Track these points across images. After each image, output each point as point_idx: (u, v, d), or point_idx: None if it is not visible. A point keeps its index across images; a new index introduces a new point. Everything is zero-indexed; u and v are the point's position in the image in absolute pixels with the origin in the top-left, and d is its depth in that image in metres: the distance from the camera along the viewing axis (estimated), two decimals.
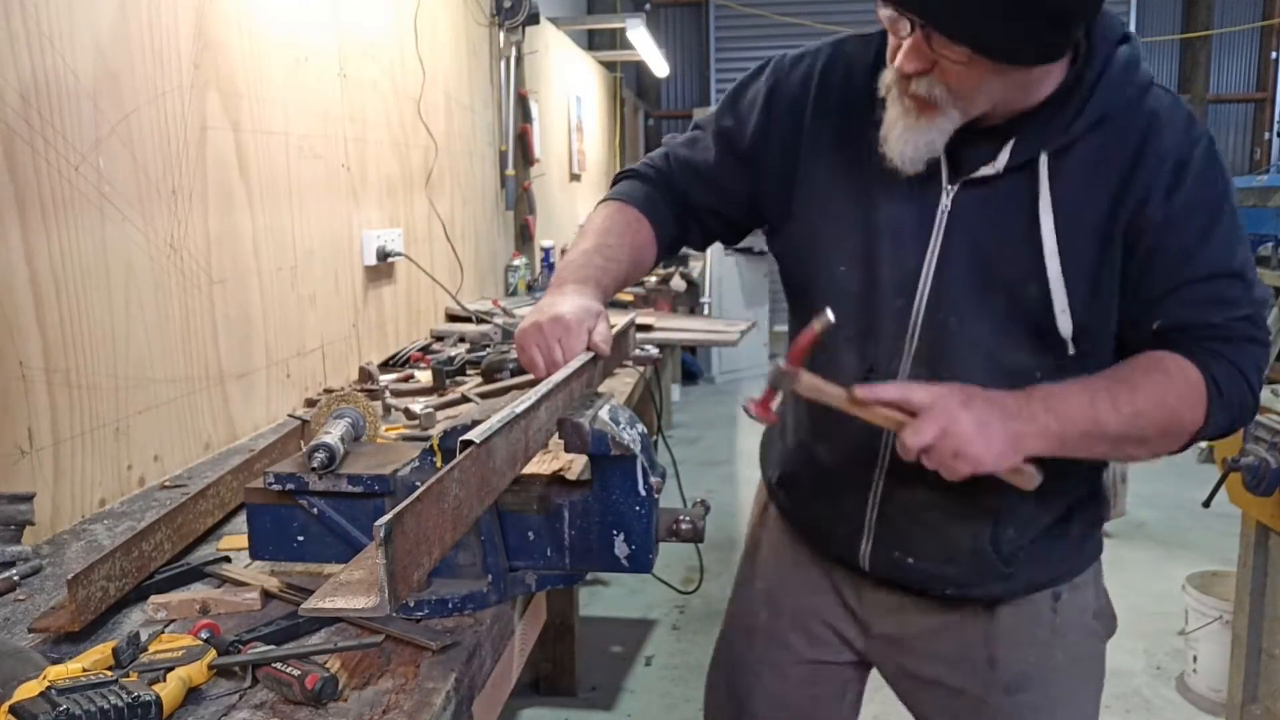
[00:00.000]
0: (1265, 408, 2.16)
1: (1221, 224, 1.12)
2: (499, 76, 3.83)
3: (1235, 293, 1.13)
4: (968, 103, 1.08)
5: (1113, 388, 1.09)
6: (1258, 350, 1.14)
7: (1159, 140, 1.11)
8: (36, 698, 0.84)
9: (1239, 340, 1.13)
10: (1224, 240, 1.12)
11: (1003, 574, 1.26)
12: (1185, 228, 1.11)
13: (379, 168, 2.61)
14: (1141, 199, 1.11)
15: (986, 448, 1.04)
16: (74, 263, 1.42)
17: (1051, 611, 1.31)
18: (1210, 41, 10.05)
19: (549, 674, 3.01)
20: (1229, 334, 1.12)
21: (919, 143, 1.11)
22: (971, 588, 1.28)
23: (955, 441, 1.03)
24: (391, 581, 0.73)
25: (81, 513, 1.44)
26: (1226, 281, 1.13)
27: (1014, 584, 1.28)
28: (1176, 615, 3.22)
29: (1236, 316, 1.13)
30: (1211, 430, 1.14)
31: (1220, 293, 1.12)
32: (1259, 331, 1.14)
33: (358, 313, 2.48)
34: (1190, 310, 1.12)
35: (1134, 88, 1.13)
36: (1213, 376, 1.11)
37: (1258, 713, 2.32)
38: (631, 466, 1.10)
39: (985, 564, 1.26)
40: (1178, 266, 1.12)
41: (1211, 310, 1.12)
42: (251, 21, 1.92)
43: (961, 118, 1.10)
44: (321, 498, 1.15)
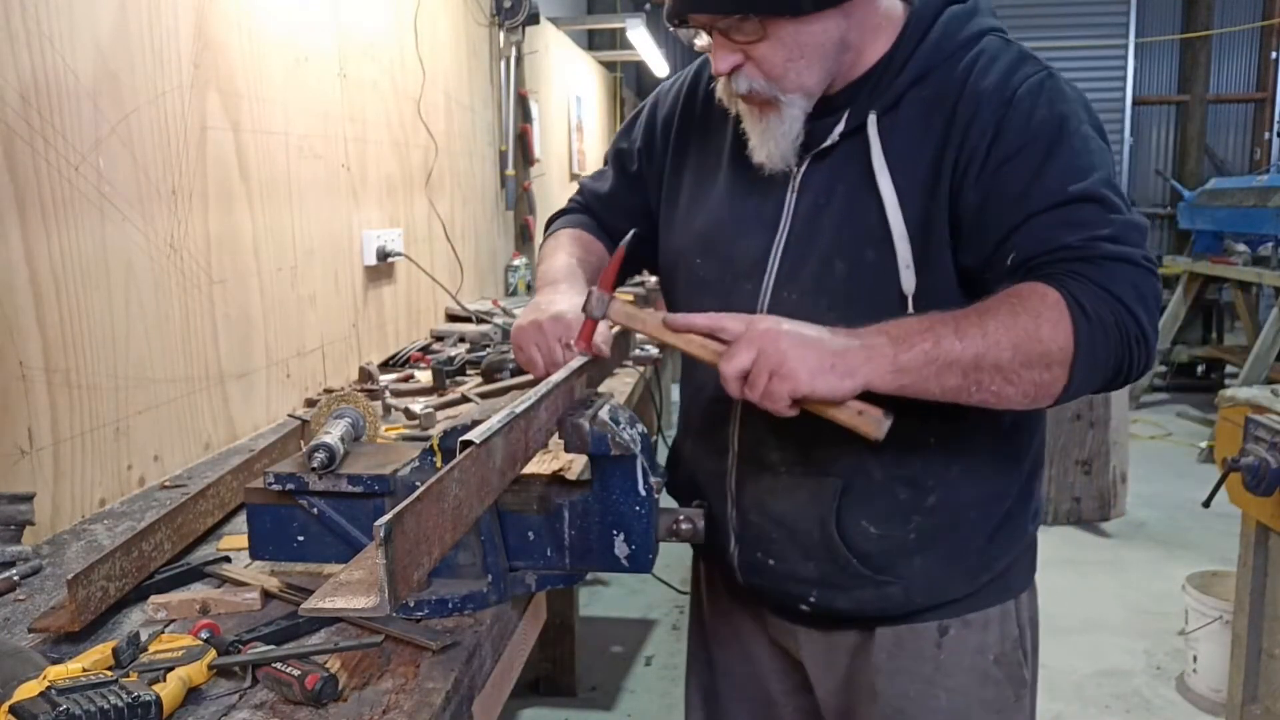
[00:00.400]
0: (1265, 408, 2.16)
1: (1061, 153, 1.05)
2: (499, 76, 3.83)
3: (1089, 215, 1.03)
4: (794, 83, 1.09)
5: (958, 316, 1.00)
6: (1129, 269, 1.01)
7: (979, 83, 1.08)
8: (36, 698, 0.84)
9: (1100, 260, 1.01)
10: (1066, 168, 1.04)
11: (866, 577, 1.16)
12: (1019, 164, 1.05)
13: (379, 168, 2.61)
14: (960, 142, 1.07)
15: (803, 362, 0.96)
16: (74, 263, 1.42)
17: (935, 647, 1.20)
18: (1210, 41, 10.05)
19: (549, 674, 3.01)
20: (1086, 254, 1.01)
21: (776, 138, 1.12)
22: (836, 594, 1.18)
23: (772, 360, 0.97)
24: (391, 581, 0.73)
25: (81, 513, 1.44)
26: (1076, 206, 1.03)
27: (889, 599, 1.17)
28: (1176, 615, 3.22)
29: (1095, 236, 1.02)
30: (1090, 358, 1.00)
31: (1069, 217, 1.03)
32: (1129, 250, 1.02)
33: (358, 313, 2.48)
34: (1039, 238, 1.03)
35: (963, 37, 1.12)
36: (1072, 295, 0.99)
37: (1258, 713, 2.32)
38: (631, 466, 1.10)
39: (840, 559, 1.16)
40: (1018, 203, 1.04)
41: (1063, 233, 1.02)
42: (251, 21, 1.92)
43: (804, 100, 1.11)
44: (321, 498, 1.15)
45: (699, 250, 1.26)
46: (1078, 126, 1.07)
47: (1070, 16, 9.74)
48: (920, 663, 1.20)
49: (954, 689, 1.21)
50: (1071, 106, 1.08)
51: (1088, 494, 4.35)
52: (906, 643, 1.20)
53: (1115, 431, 4.33)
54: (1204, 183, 7.27)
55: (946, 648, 1.20)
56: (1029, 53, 1.12)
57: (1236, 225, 6.06)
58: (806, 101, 1.11)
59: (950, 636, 1.20)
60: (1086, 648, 3.24)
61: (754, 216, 1.20)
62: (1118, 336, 0.99)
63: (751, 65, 1.09)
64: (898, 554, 1.16)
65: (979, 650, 1.21)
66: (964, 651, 1.21)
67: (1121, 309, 1.00)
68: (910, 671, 1.21)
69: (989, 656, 1.22)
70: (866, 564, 1.16)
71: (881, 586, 1.17)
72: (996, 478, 1.19)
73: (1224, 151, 10.49)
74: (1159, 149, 10.59)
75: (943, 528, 1.16)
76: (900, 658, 1.21)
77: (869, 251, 1.11)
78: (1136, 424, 5.85)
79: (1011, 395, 1.00)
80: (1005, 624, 1.23)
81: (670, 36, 7.34)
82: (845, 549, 1.16)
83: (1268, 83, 10.23)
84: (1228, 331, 7.41)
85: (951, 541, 1.17)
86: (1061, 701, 2.94)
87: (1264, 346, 5.31)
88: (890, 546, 1.16)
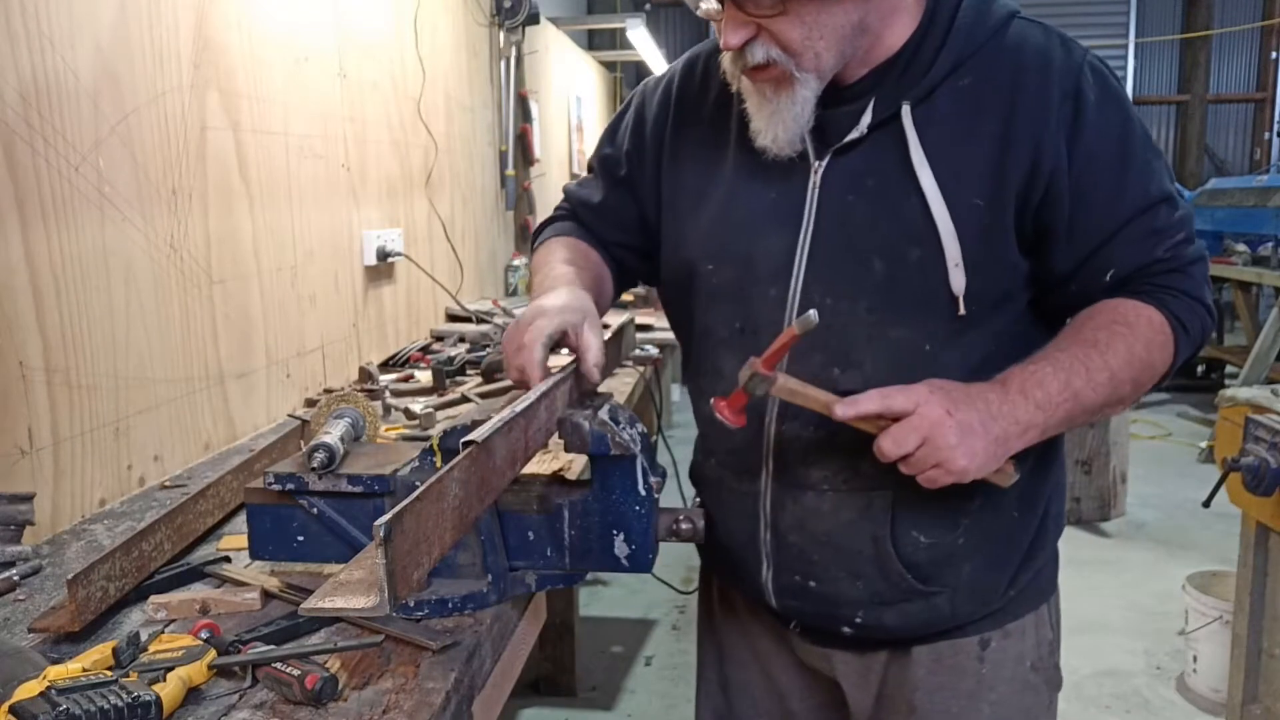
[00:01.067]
0: (1265, 408, 2.16)
1: (1134, 148, 1.07)
2: (499, 76, 3.83)
3: (1170, 218, 1.08)
4: (810, 58, 1.02)
5: (1084, 356, 1.03)
6: (1201, 266, 1.11)
7: (1041, 76, 1.05)
8: (36, 698, 0.84)
9: (1185, 266, 1.09)
10: (1142, 165, 1.07)
11: (917, 590, 1.13)
12: (1102, 166, 1.06)
13: (379, 168, 2.61)
14: (1036, 142, 1.04)
15: (970, 459, 0.97)
16: (74, 263, 1.42)
17: (977, 661, 1.18)
18: (1210, 41, 10.05)
19: (549, 674, 3.01)
20: (1175, 264, 1.08)
21: (786, 119, 1.06)
22: (883, 611, 1.14)
23: (938, 453, 0.96)
24: (391, 581, 0.73)
25: (81, 513, 1.44)
26: (1156, 211, 1.07)
27: (935, 610, 1.14)
28: (1176, 615, 3.22)
29: (1176, 242, 1.08)
30: (1179, 363, 1.11)
31: (1156, 224, 1.07)
32: (1196, 245, 1.11)
33: (358, 313, 2.48)
34: (1137, 251, 1.07)
35: (991, 21, 1.08)
36: (1175, 315, 1.07)
37: (1258, 713, 2.32)
38: (631, 466, 1.10)
39: (893, 575, 1.12)
40: (1110, 209, 1.06)
41: (1155, 245, 1.07)
42: (251, 21, 1.92)
43: (817, 79, 1.05)
44: (321, 498, 1.15)
45: (711, 256, 1.18)
46: (1132, 111, 1.09)
47: (1070, 16, 9.74)
48: (962, 678, 1.18)
49: (997, 701, 1.19)
50: (1120, 91, 1.09)
51: (1088, 494, 4.35)
52: (946, 658, 1.18)
53: (1115, 431, 4.32)
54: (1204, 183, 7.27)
55: (989, 660, 1.18)
56: (1060, 32, 1.11)
57: (1236, 225, 6.06)
58: (819, 84, 1.05)
59: (992, 649, 1.19)
60: (1086, 648, 3.24)
61: (770, 215, 1.13)
62: (1199, 337, 1.10)
63: (766, 37, 1.02)
64: (946, 563, 1.13)
65: (1019, 659, 1.20)
66: (1005, 662, 1.19)
67: (1204, 311, 1.09)
68: (952, 688, 1.18)
69: (1027, 664, 1.21)
70: (917, 576, 1.12)
71: (929, 598, 1.13)
72: (1036, 474, 1.16)
73: (1224, 151, 10.49)
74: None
75: (989, 530, 1.14)
76: (940, 673, 1.18)
77: (913, 250, 1.05)
78: (1136, 424, 5.84)
79: (1113, 414, 1.16)
80: (1040, 629, 1.22)
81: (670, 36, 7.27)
82: (899, 563, 1.12)
83: (1268, 83, 10.24)
84: (1228, 331, 7.41)
85: (998, 544, 1.15)
86: (1062, 701, 2.91)
87: (1264, 346, 5.30)
88: (939, 555, 1.13)
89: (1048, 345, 1.06)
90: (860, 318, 1.07)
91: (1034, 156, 1.03)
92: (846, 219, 1.08)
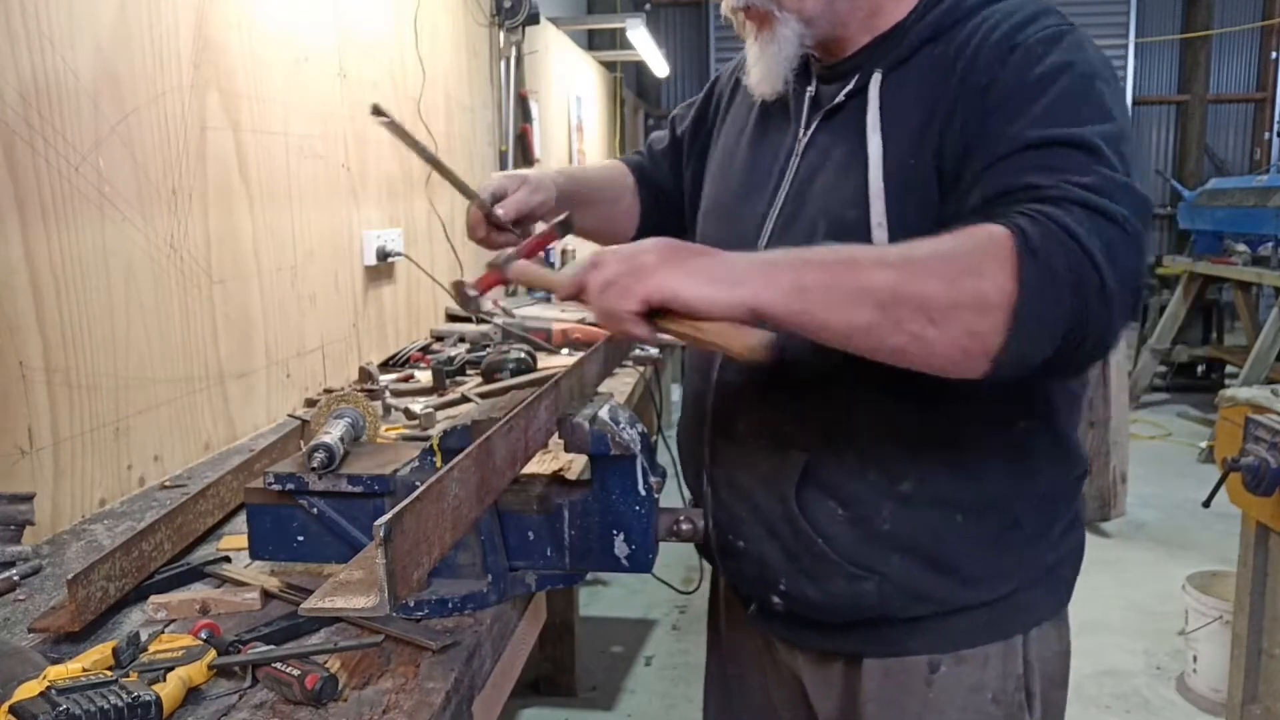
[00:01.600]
0: (1265, 408, 2.16)
1: (1057, 94, 0.92)
2: (499, 76, 3.83)
3: (1075, 161, 0.88)
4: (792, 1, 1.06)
5: (890, 246, 0.92)
6: (1103, 223, 0.83)
7: (989, 34, 0.99)
8: (36, 698, 0.84)
9: (1069, 204, 0.84)
10: (1058, 110, 0.91)
11: (835, 564, 1.07)
12: (1009, 108, 0.93)
13: (379, 168, 2.61)
14: (957, 94, 0.98)
15: (672, 264, 0.86)
16: (74, 263, 1.42)
17: (924, 684, 1.10)
18: (1210, 41, 10.06)
19: (549, 674, 3.01)
20: (1054, 195, 0.85)
21: (768, 59, 1.10)
22: (806, 583, 1.09)
23: (638, 262, 0.87)
24: (391, 581, 0.73)
25: (81, 513, 1.44)
26: (1060, 150, 0.89)
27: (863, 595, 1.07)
28: (1176, 615, 3.22)
29: (1072, 181, 0.86)
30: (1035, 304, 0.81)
31: (1048, 160, 0.89)
32: (1110, 205, 0.84)
33: (358, 313, 2.48)
34: (1009, 176, 0.90)
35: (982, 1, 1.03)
36: (1023, 232, 0.83)
37: (1258, 713, 2.32)
38: (631, 466, 1.10)
39: (804, 539, 1.07)
40: (997, 141, 0.92)
41: (1035, 174, 0.88)
42: (251, 21, 1.92)
43: (799, 23, 1.07)
44: (321, 498, 1.15)
45: (712, 216, 1.27)
46: (1089, 77, 0.94)
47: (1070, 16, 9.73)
48: (908, 697, 1.12)
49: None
50: (1089, 59, 0.96)
51: (1088, 494, 4.35)
52: (895, 674, 1.12)
53: (1115, 431, 4.32)
54: (1204, 183, 7.27)
55: (937, 685, 1.11)
56: (1052, 7, 1.02)
57: (1236, 225, 6.06)
58: (802, 26, 1.08)
59: (942, 673, 1.10)
60: (1086, 648, 3.25)
61: (760, 181, 1.18)
62: (1072, 285, 0.81)
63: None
64: (869, 545, 1.06)
65: (976, 688, 1.10)
66: (957, 690, 1.10)
67: (1084, 257, 0.82)
68: (899, 705, 1.13)
69: (986, 695, 1.11)
70: (834, 548, 1.07)
71: (854, 581, 1.07)
72: (997, 483, 1.07)
73: (1224, 151, 10.49)
74: (1159, 149, 10.60)
75: (924, 524, 1.05)
76: (889, 689, 1.13)
77: (850, 211, 1.04)
78: (1136, 424, 5.84)
79: (938, 344, 0.83)
80: (1009, 662, 1.11)
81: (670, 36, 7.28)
82: (809, 528, 1.07)
83: (1268, 83, 10.24)
84: (1228, 331, 7.41)
85: (936, 544, 1.06)
86: None
87: (1264, 346, 5.30)
88: (862, 535, 1.06)
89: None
90: None
91: (954, 104, 0.98)
92: (809, 186, 1.11)
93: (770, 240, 1.13)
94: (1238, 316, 6.83)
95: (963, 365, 0.85)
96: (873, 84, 1.06)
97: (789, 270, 0.85)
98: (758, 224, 1.15)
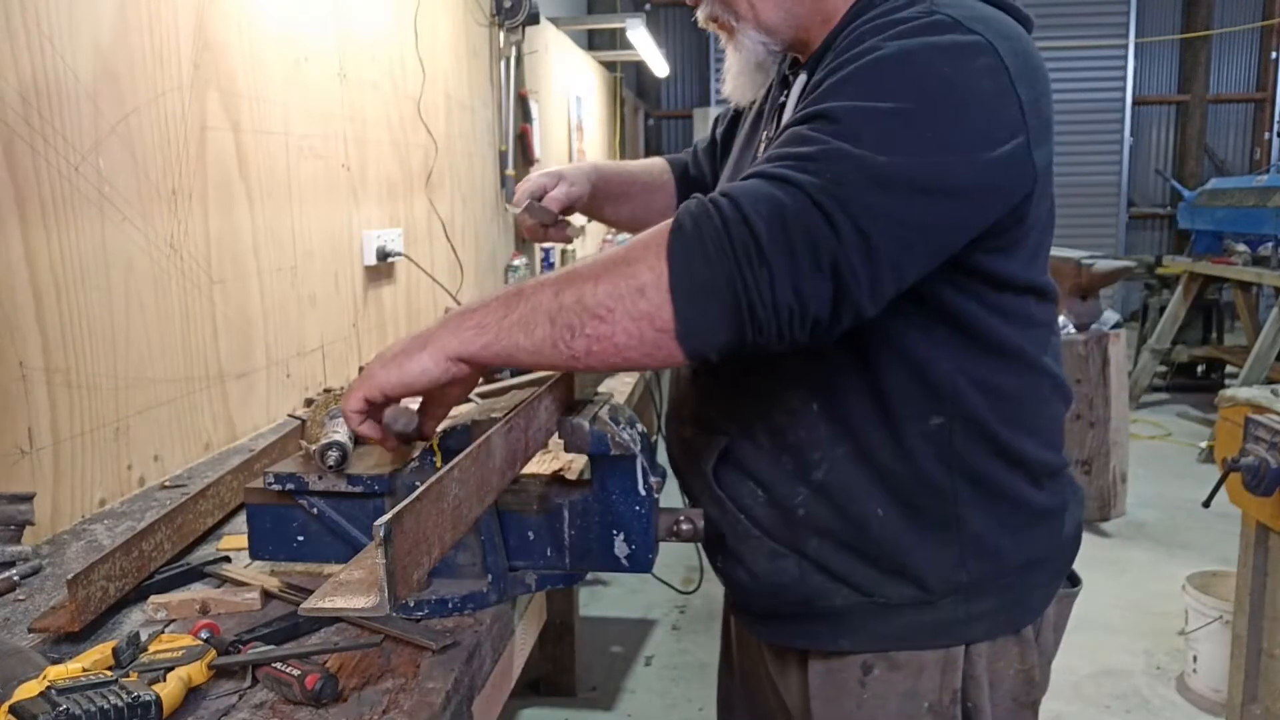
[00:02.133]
0: (1265, 408, 2.16)
1: (845, 75, 0.90)
2: (499, 76, 3.83)
3: (806, 135, 0.87)
4: (746, 11, 1.08)
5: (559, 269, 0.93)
6: (775, 190, 0.84)
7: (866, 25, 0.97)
8: (36, 698, 0.84)
9: (756, 177, 0.86)
10: (840, 88, 0.89)
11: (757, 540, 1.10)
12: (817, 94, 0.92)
13: (379, 168, 2.61)
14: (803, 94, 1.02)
15: (376, 362, 0.93)
16: (74, 263, 1.42)
17: (859, 685, 1.10)
18: (1210, 41, 10.06)
19: (549, 674, 3.01)
20: (754, 172, 0.87)
21: (734, 68, 1.14)
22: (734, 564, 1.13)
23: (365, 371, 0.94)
24: (391, 581, 0.73)
25: (81, 513, 1.44)
26: (807, 128, 0.88)
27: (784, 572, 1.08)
28: (1176, 615, 3.22)
29: (786, 155, 0.86)
30: (685, 272, 0.84)
31: (790, 138, 0.88)
32: (794, 174, 0.84)
33: (358, 313, 2.48)
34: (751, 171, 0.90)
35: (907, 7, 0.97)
36: (680, 212, 0.86)
37: (1258, 713, 2.32)
38: (631, 466, 1.10)
39: (730, 517, 1.11)
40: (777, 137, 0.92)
41: (770, 160, 0.88)
42: (251, 21, 1.92)
43: (758, 32, 1.10)
44: (321, 498, 1.15)
45: None
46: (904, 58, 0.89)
47: (1070, 16, 9.75)
48: (845, 696, 1.12)
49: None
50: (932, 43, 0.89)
51: (1088, 494, 4.35)
52: (835, 672, 1.12)
53: (1115, 431, 4.33)
54: (1204, 183, 7.27)
55: (870, 687, 1.10)
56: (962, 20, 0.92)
57: (1236, 225, 6.06)
58: (761, 34, 1.10)
59: (875, 676, 1.09)
60: (1086, 648, 3.25)
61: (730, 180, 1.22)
62: (719, 245, 0.83)
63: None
64: (788, 526, 1.08)
65: (910, 696, 1.08)
66: (890, 695, 1.09)
67: (735, 216, 0.83)
68: (838, 704, 1.12)
69: (922, 704, 1.08)
70: (756, 524, 1.10)
71: (775, 559, 1.09)
72: (920, 481, 1.04)
73: (1224, 151, 10.49)
74: (1159, 149, 10.60)
75: (840, 514, 1.05)
76: (829, 687, 1.13)
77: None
78: (1136, 424, 5.85)
79: (617, 336, 0.85)
80: (946, 673, 1.08)
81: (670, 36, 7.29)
82: (734, 506, 1.11)
83: (1268, 83, 10.24)
84: (1228, 331, 7.42)
85: (856, 533, 1.06)
86: (1061, 701, 2.94)
87: (1264, 346, 5.31)
88: (781, 517, 1.08)
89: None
90: None
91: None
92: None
93: None
94: (1238, 316, 6.84)
95: (657, 352, 0.87)
96: (795, 85, 1.12)
97: (464, 315, 0.91)
98: None
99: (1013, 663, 1.11)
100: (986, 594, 1.07)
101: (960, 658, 1.08)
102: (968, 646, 1.08)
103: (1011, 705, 1.12)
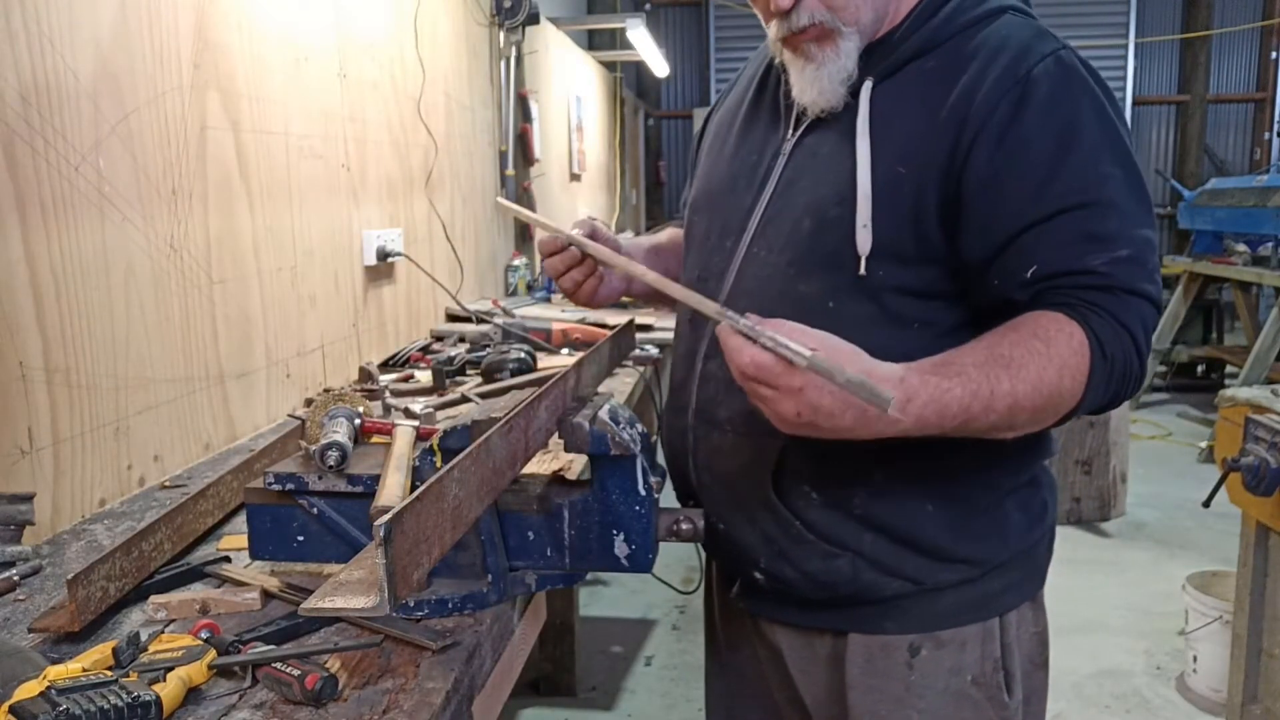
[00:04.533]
0: (1265, 408, 2.16)
1: (1083, 144, 1.00)
2: (499, 76, 3.83)
3: (1110, 227, 0.99)
4: (852, 15, 1.08)
5: (993, 377, 0.95)
6: (1143, 306, 1.00)
7: (990, 56, 1.04)
8: (36, 698, 0.84)
9: (1121, 291, 0.99)
10: (1087, 163, 1.00)
11: (811, 544, 1.12)
12: (1035, 152, 1.00)
13: (379, 168, 2.61)
14: (964, 115, 1.02)
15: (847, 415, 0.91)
16: (74, 263, 1.42)
17: (906, 667, 1.14)
18: (1210, 41, 10.06)
19: (549, 674, 3.01)
20: (1113, 283, 0.99)
21: (830, 73, 1.10)
22: (783, 564, 1.14)
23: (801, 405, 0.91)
24: (391, 581, 0.73)
25: (81, 513, 1.44)
26: (1097, 212, 0.99)
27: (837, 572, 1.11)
28: (1176, 615, 3.22)
29: (1117, 257, 0.99)
30: (1086, 406, 1.01)
31: (1090, 227, 0.99)
32: (1144, 279, 1.00)
33: (358, 313, 2.48)
34: (1066, 254, 1.00)
35: (977, 14, 1.08)
36: (1097, 337, 0.97)
37: (1258, 713, 2.32)
38: (631, 466, 1.10)
39: (784, 523, 1.13)
40: (1032, 196, 1.00)
41: (1088, 252, 0.99)
42: (251, 21, 1.92)
43: (858, 36, 1.09)
44: (321, 498, 1.15)
45: (697, 209, 1.31)
46: (1098, 114, 1.03)
47: (1070, 16, 9.75)
48: (890, 681, 1.15)
49: (926, 710, 1.15)
50: (1091, 91, 1.03)
51: (1088, 494, 4.35)
52: (878, 659, 1.15)
53: (1115, 431, 4.33)
54: (1204, 183, 7.27)
55: (918, 668, 1.14)
56: (1046, 30, 1.07)
57: (1236, 225, 6.06)
58: (860, 39, 1.10)
59: (922, 657, 1.14)
60: (1086, 648, 3.24)
61: (747, 177, 1.22)
62: (1121, 375, 1.00)
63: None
64: (843, 527, 1.12)
65: (955, 671, 1.14)
66: (937, 673, 1.14)
67: (1132, 350, 1.00)
68: (881, 690, 1.15)
69: (966, 677, 1.14)
70: (811, 530, 1.12)
71: (829, 559, 1.12)
72: (969, 474, 1.12)
73: (1224, 151, 10.49)
74: (1159, 149, 10.60)
75: (896, 510, 1.11)
76: (872, 675, 1.15)
77: (835, 209, 1.09)
78: (1136, 424, 5.84)
79: (1024, 430, 1.01)
80: (987, 644, 1.15)
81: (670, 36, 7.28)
82: (787, 511, 1.13)
83: (1268, 83, 10.24)
84: (1228, 331, 7.41)
85: (909, 527, 1.11)
86: (1062, 701, 2.94)
87: (1264, 346, 5.30)
88: (835, 518, 1.12)
89: (964, 349, 0.98)
90: (781, 270, 1.13)
91: (958, 131, 1.03)
92: (796, 184, 1.15)
93: (754, 233, 1.18)
94: (1238, 316, 6.83)
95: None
96: (864, 91, 1.10)
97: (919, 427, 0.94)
98: (742, 219, 1.20)
99: (1029, 626, 1.20)
100: (1013, 568, 1.17)
101: (997, 628, 1.16)
102: (1001, 617, 1.16)
103: (1030, 668, 1.20)
